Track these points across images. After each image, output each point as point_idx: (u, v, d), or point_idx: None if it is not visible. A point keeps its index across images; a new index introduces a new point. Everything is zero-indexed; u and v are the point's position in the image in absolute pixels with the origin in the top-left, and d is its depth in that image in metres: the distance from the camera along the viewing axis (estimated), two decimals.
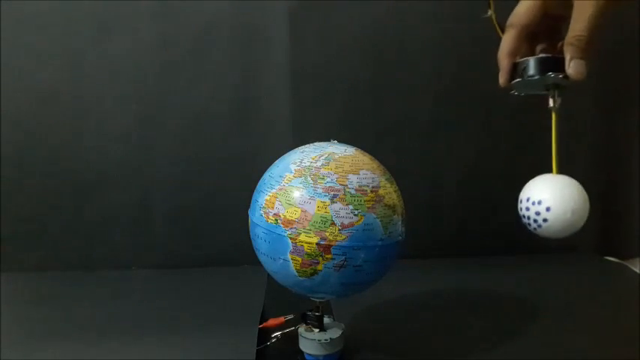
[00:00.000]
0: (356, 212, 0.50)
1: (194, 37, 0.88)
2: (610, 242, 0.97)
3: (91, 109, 0.88)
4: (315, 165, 0.52)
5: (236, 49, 0.88)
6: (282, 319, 0.64)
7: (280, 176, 0.53)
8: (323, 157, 0.53)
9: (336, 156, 0.53)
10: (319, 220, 0.49)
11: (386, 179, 0.54)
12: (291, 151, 0.57)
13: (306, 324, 0.59)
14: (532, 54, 0.51)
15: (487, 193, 0.94)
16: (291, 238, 0.50)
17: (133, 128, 0.89)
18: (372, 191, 0.51)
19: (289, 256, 0.51)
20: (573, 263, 0.91)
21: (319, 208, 0.50)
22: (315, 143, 0.57)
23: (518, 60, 0.50)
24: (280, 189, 0.52)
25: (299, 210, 0.50)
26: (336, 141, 0.57)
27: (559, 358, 0.61)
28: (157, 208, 0.90)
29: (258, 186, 0.56)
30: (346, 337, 0.59)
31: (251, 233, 0.56)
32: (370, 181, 0.52)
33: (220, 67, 0.88)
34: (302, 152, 0.55)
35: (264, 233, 0.52)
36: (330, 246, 0.49)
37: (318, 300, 0.58)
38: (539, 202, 0.48)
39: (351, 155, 0.54)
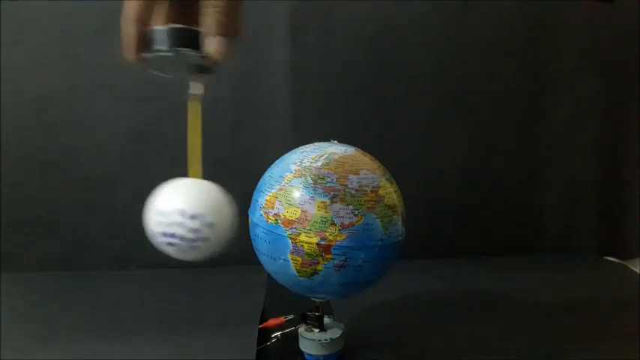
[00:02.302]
0: (356, 212, 0.50)
1: None
2: (610, 242, 0.96)
3: (90, 109, 0.87)
4: (315, 165, 0.52)
5: (236, 49, 0.88)
6: (282, 319, 0.64)
7: (280, 176, 0.53)
8: (323, 157, 0.53)
9: (336, 156, 0.53)
10: (319, 220, 0.49)
11: (386, 179, 0.54)
12: (291, 151, 0.57)
13: (306, 324, 0.59)
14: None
15: (487, 194, 0.94)
16: (291, 238, 0.50)
17: (132, 128, 0.88)
18: (372, 191, 0.51)
19: (289, 256, 0.51)
20: (573, 263, 0.91)
21: (319, 208, 0.50)
22: (315, 143, 0.57)
23: (149, 28, 0.38)
24: (280, 189, 0.52)
25: (299, 210, 0.50)
26: (336, 141, 0.57)
27: (559, 358, 0.61)
28: None
29: (258, 186, 0.56)
30: (346, 337, 0.59)
31: (251, 233, 0.56)
32: (370, 181, 0.52)
33: (220, 66, 0.88)
34: (302, 152, 0.55)
35: (264, 233, 0.52)
36: (330, 246, 0.49)
37: (318, 300, 0.58)
38: (194, 217, 0.36)
39: (351, 155, 0.54)
